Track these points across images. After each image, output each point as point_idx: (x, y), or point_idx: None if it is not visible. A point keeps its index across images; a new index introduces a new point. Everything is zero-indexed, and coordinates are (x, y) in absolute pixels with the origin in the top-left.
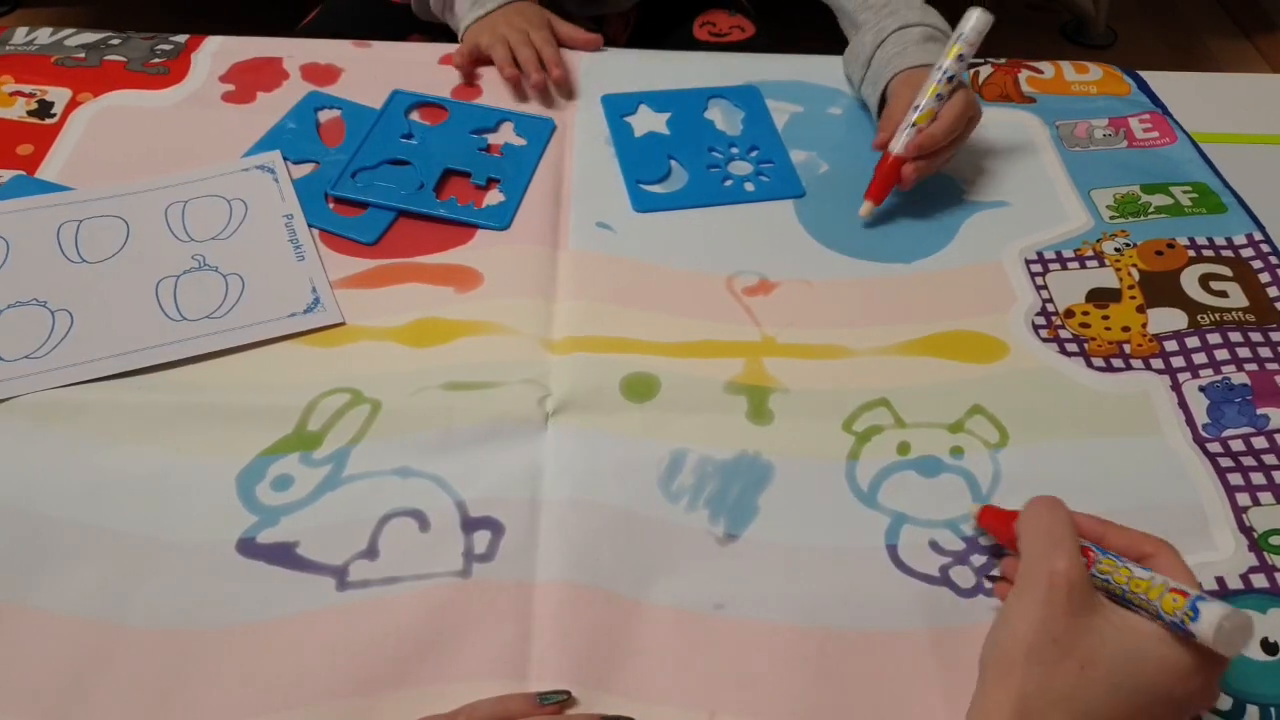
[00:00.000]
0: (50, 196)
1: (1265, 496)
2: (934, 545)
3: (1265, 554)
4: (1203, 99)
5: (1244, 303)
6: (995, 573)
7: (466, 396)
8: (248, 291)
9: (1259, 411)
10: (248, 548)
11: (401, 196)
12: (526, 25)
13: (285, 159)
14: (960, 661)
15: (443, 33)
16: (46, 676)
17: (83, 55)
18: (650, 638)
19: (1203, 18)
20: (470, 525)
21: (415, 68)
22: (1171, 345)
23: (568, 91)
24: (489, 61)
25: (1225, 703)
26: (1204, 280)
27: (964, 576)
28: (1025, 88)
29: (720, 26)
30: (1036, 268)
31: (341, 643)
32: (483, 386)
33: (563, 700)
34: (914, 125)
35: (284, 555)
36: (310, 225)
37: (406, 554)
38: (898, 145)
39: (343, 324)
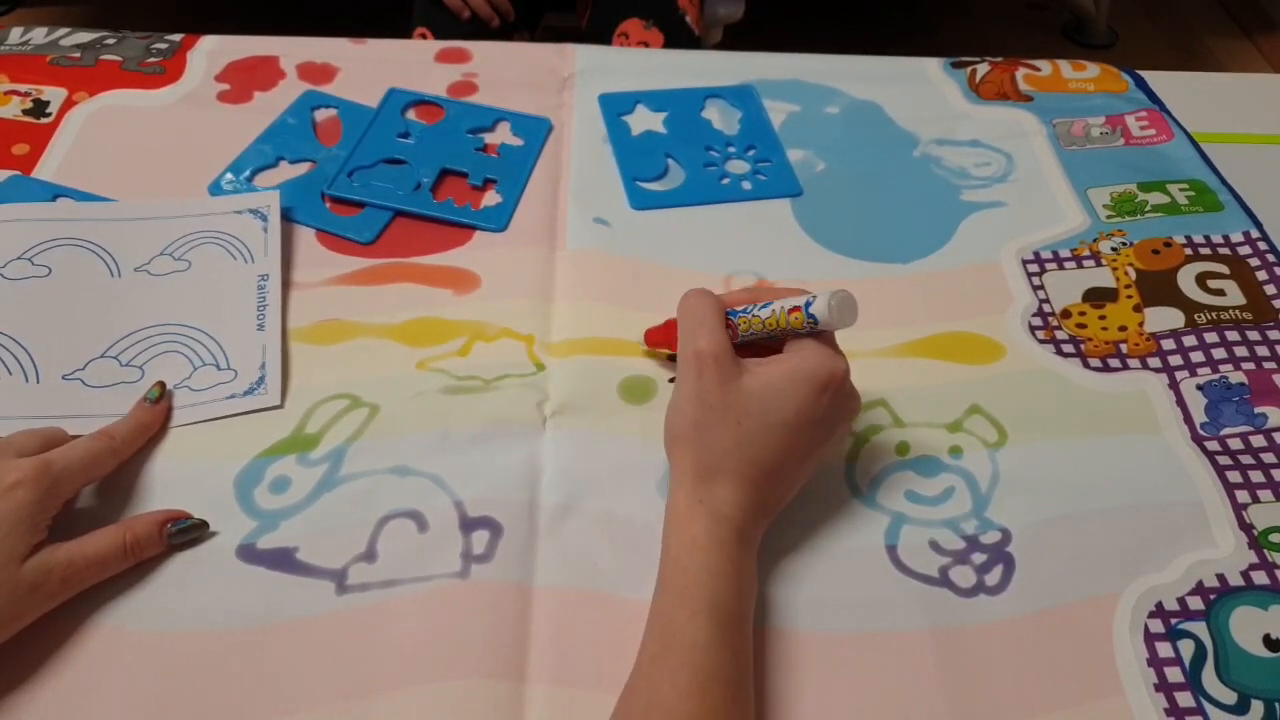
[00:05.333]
0: (35, 208)
1: (1264, 494)
2: (934, 545)
3: (1265, 551)
4: (1203, 99)
5: (1241, 301)
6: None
7: (465, 399)
8: (197, 372)
9: (1257, 410)
10: (248, 553)
11: (399, 197)
12: None
13: (282, 159)
14: (961, 662)
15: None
16: (45, 679)
17: (78, 55)
18: None
19: (1203, 17)
20: (469, 525)
21: (411, 66)
22: (1169, 344)
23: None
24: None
25: (1229, 697)
26: (1201, 279)
27: (964, 576)
28: (1023, 85)
29: (630, 40)
30: (1034, 268)
31: (341, 646)
32: (481, 389)
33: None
34: None
35: (284, 560)
36: (306, 225)
37: (405, 556)
38: None
39: (280, 407)
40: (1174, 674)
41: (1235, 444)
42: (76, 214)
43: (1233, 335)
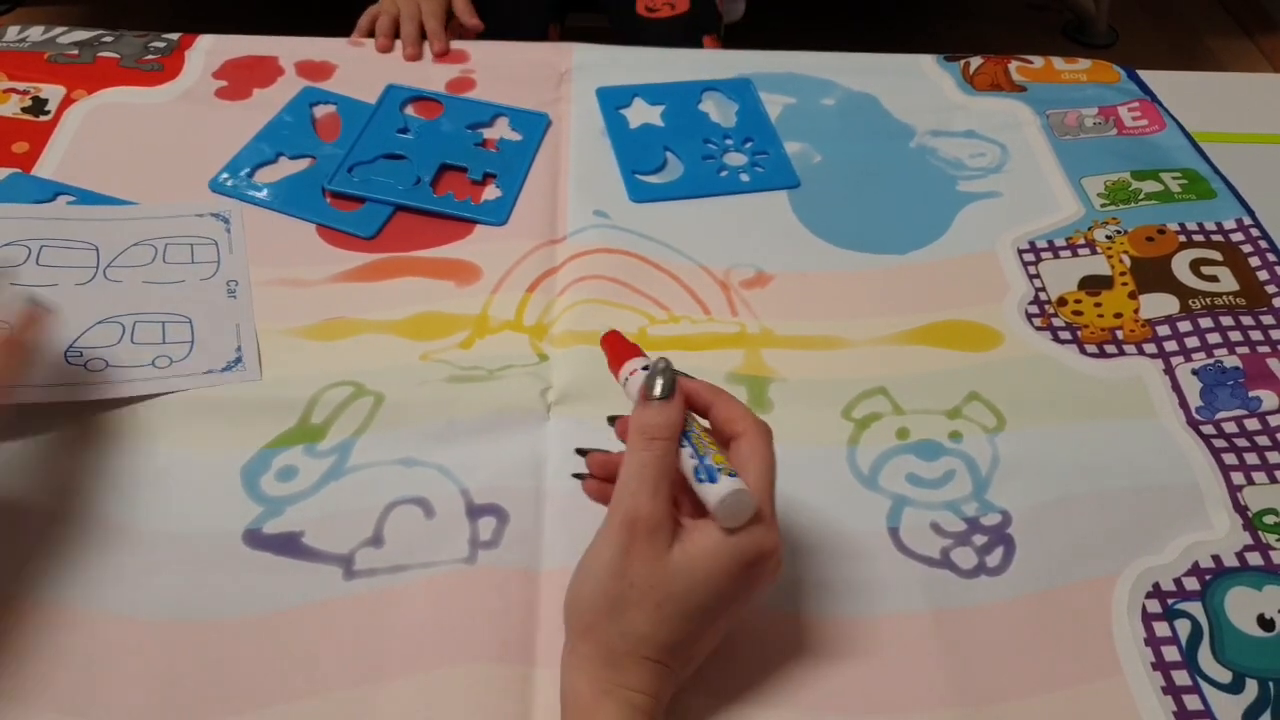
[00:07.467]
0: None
1: (1259, 476)
2: (935, 527)
3: (1260, 533)
4: (1204, 98)
5: (1234, 287)
6: (583, 471)
7: (468, 389)
8: (172, 344)
9: (1251, 394)
10: (254, 539)
11: (399, 192)
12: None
13: (281, 155)
14: (963, 643)
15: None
16: (58, 668)
17: (76, 52)
18: None
19: (1204, 17)
20: (475, 513)
21: (408, 63)
22: (1164, 330)
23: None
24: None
25: (1225, 676)
26: (1194, 265)
27: (965, 558)
28: (1016, 77)
29: (655, 1)
30: (1029, 257)
31: (350, 631)
32: (484, 379)
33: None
34: None
35: (290, 545)
36: (307, 220)
37: (412, 542)
38: None
39: (259, 380)
40: (1171, 653)
41: (1230, 427)
42: (60, 215)
43: (1227, 320)
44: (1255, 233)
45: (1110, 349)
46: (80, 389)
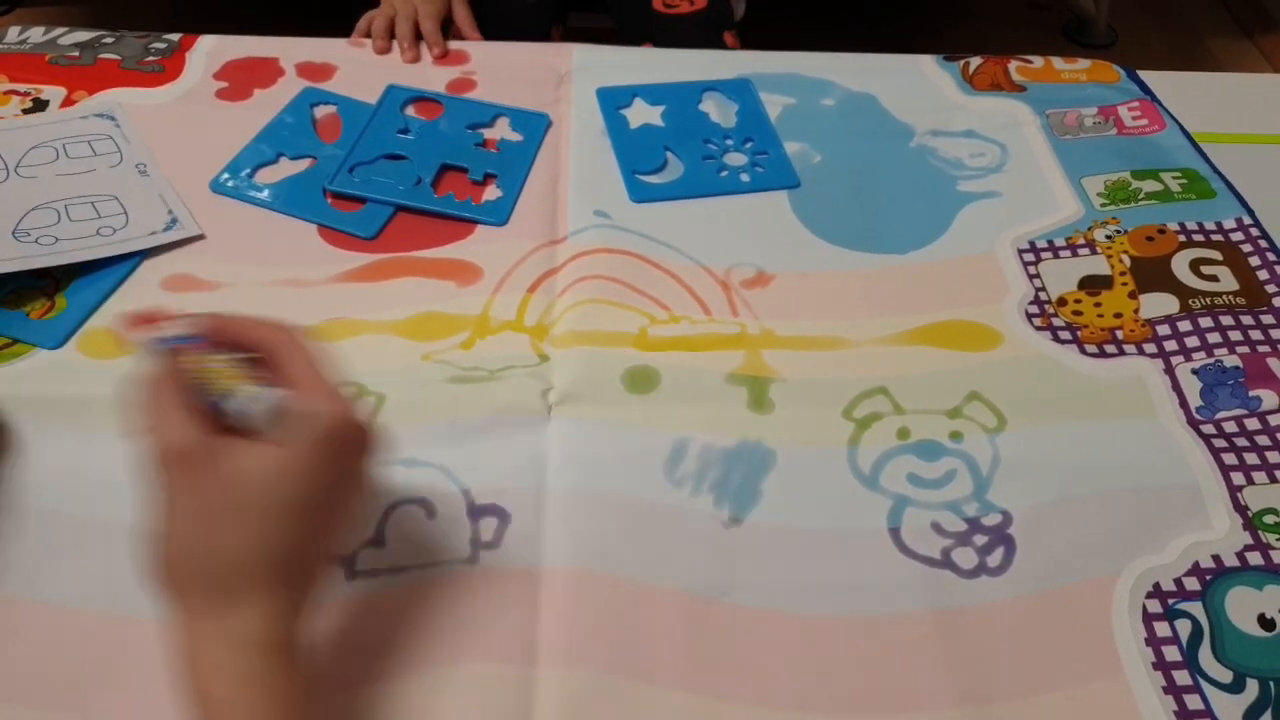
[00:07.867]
0: None
1: (1259, 476)
2: (935, 527)
3: (1260, 532)
4: (1204, 98)
5: (1234, 286)
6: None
7: (470, 390)
8: (108, 218)
9: (1251, 393)
10: None
11: (400, 192)
12: (421, 1)
13: (282, 155)
14: (963, 643)
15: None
16: (59, 668)
17: (77, 54)
18: (657, 621)
19: (1204, 17)
20: (476, 513)
21: (409, 64)
22: (1164, 330)
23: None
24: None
25: (1226, 676)
26: (1194, 265)
27: (966, 558)
28: (1015, 77)
29: None
30: (1029, 257)
31: (352, 632)
32: (486, 380)
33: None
34: None
35: None
36: (308, 220)
37: (414, 542)
38: None
39: (202, 237)
40: (1171, 653)
41: (1230, 427)
42: None
43: (1227, 320)
44: (1255, 232)
45: (1110, 349)
46: (39, 258)
